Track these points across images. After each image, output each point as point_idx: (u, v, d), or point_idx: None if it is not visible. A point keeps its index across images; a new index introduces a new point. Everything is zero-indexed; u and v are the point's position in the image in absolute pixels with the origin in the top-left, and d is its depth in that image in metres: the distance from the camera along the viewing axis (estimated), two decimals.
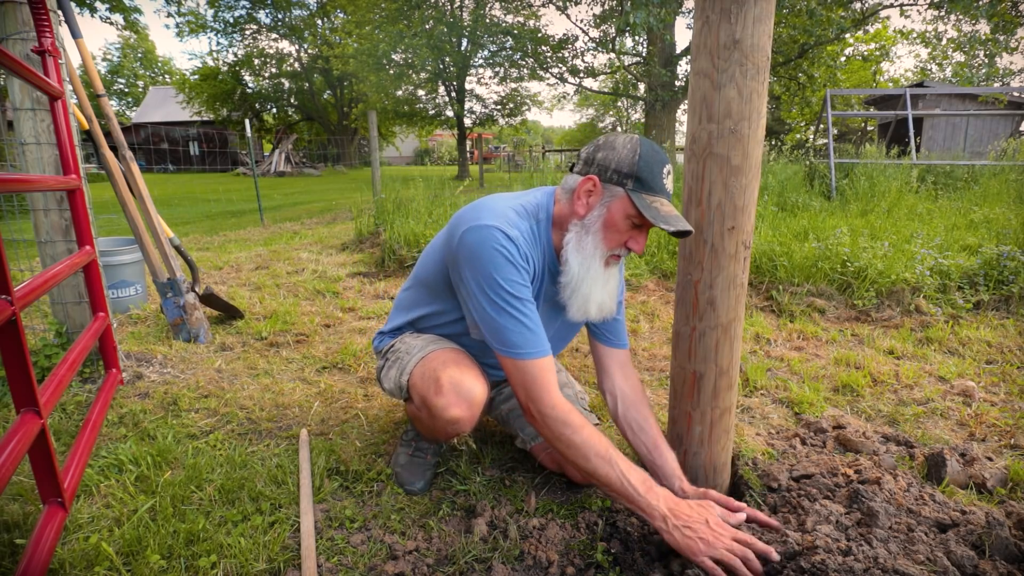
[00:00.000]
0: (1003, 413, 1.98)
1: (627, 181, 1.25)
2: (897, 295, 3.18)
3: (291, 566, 1.25)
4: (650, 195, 1.25)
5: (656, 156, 1.26)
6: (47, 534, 1.14)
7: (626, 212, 1.25)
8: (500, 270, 1.24)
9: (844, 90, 8.50)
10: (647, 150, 1.26)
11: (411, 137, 38.20)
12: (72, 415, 1.94)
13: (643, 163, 1.24)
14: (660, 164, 1.26)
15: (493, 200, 1.35)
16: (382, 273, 4.27)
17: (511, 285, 1.24)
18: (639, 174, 1.24)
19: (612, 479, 1.20)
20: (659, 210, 1.22)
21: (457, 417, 1.33)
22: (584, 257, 1.30)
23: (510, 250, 1.24)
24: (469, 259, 1.26)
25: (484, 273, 1.24)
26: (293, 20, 27.13)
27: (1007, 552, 1.19)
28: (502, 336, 1.25)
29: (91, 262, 1.98)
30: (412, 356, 1.46)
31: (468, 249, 1.26)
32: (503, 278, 1.24)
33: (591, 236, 1.29)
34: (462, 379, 1.34)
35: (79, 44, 2.49)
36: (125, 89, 46.73)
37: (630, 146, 1.26)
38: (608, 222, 1.27)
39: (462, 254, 1.27)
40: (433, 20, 15.54)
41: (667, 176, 1.27)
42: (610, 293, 1.36)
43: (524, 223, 1.32)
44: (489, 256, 1.24)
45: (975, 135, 14.19)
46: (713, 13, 1.18)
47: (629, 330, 2.93)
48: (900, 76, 28.01)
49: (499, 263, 1.24)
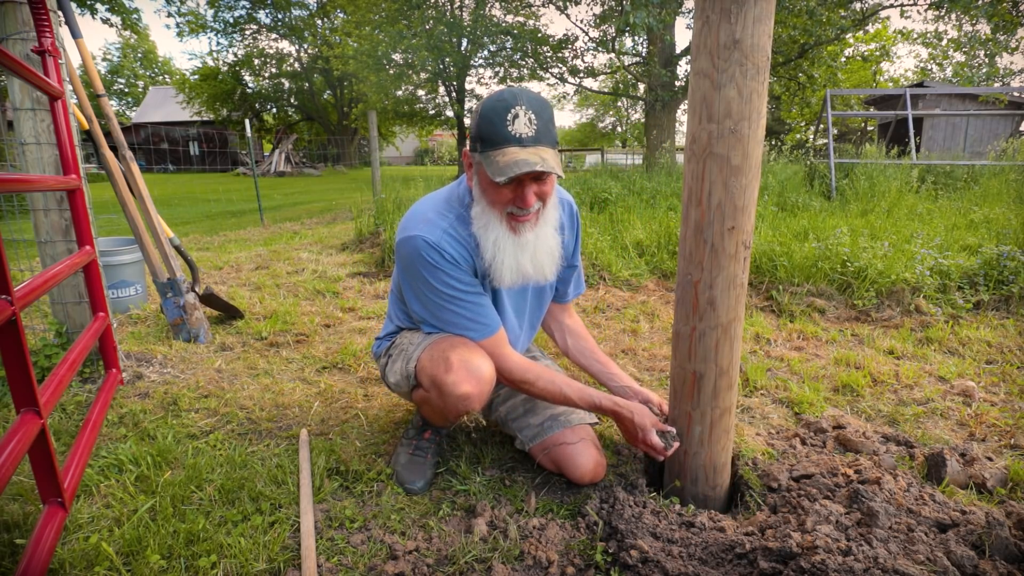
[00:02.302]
0: (1003, 413, 1.98)
1: (476, 144, 1.29)
2: (897, 295, 3.18)
3: (291, 566, 1.25)
4: (495, 150, 1.24)
5: (499, 105, 1.23)
6: (47, 534, 1.14)
7: (486, 174, 1.28)
8: (432, 274, 1.35)
9: (844, 90, 8.50)
10: (489, 104, 1.25)
11: (411, 137, 38.20)
12: (72, 415, 1.94)
13: (482, 120, 1.25)
14: (503, 112, 1.23)
15: (420, 205, 1.44)
16: (382, 273, 4.27)
17: (443, 285, 1.36)
18: (481, 134, 1.26)
19: (554, 392, 1.45)
20: (499, 162, 1.23)
21: (468, 393, 1.35)
22: (483, 225, 1.35)
23: (432, 256, 1.33)
24: (403, 271, 1.42)
25: (419, 279, 1.37)
26: (293, 20, 27.12)
27: (1007, 552, 1.19)
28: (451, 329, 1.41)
29: (91, 262, 1.98)
30: (417, 345, 1.48)
31: (400, 262, 1.41)
32: (435, 281, 1.36)
33: (480, 205, 1.35)
34: (471, 357, 1.37)
35: (79, 44, 2.49)
36: (125, 89, 46.74)
37: (478, 108, 1.29)
38: (484, 187, 1.32)
39: (398, 267, 1.44)
40: (433, 20, 15.54)
41: (513, 121, 1.22)
42: (531, 258, 1.38)
43: (446, 220, 1.38)
44: (417, 265, 1.35)
45: (975, 135, 14.19)
46: (713, 13, 1.18)
47: (629, 330, 2.93)
48: (900, 76, 28.01)
49: (427, 270, 1.35)
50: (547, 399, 1.48)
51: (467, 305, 1.39)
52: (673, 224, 4.36)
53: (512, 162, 1.21)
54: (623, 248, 4.21)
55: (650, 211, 5.33)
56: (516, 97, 1.24)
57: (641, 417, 1.44)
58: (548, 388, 1.45)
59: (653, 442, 1.42)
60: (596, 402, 1.46)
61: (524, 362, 1.47)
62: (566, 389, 1.45)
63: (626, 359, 2.54)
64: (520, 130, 1.23)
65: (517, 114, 1.23)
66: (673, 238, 4.18)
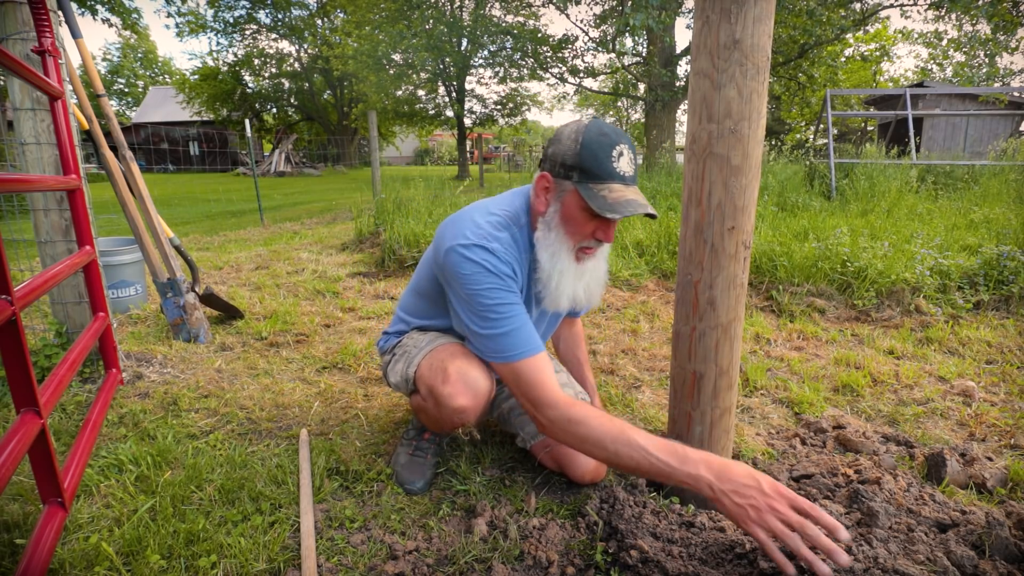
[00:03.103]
0: (1003, 413, 1.98)
1: (572, 173, 1.24)
2: (897, 295, 3.18)
3: (291, 566, 1.25)
4: (598, 183, 1.23)
5: (602, 140, 1.22)
6: (47, 534, 1.14)
7: (579, 205, 1.25)
8: (483, 286, 1.26)
9: (844, 90, 8.50)
10: (591, 137, 1.22)
11: (411, 137, 38.20)
12: (72, 415, 1.94)
13: (585, 152, 1.22)
14: (607, 148, 1.22)
15: (472, 212, 1.37)
16: (382, 273, 4.27)
17: (494, 297, 1.27)
18: (582, 164, 1.22)
19: (639, 460, 1.12)
20: (606, 198, 1.21)
21: (463, 406, 1.34)
22: (551, 253, 1.31)
23: (491, 263, 1.27)
24: (454, 277, 1.29)
25: (468, 290, 1.27)
26: (293, 20, 27.11)
27: (1007, 552, 1.19)
28: (492, 345, 1.27)
29: (91, 262, 1.98)
30: (420, 350, 1.48)
31: (452, 268, 1.29)
32: (487, 293, 1.26)
33: (553, 232, 1.31)
34: (469, 370, 1.36)
35: (79, 44, 2.49)
36: (125, 89, 46.73)
37: (574, 136, 1.24)
38: (565, 216, 1.28)
39: (447, 273, 1.31)
40: (433, 20, 15.54)
41: (618, 158, 1.23)
42: (585, 286, 1.37)
43: (504, 233, 1.33)
44: (471, 273, 1.27)
45: (975, 135, 14.19)
46: (713, 13, 1.18)
47: (629, 330, 2.93)
48: (900, 76, 28.01)
49: (481, 279, 1.26)
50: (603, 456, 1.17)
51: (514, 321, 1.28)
52: (673, 224, 4.36)
53: (624, 201, 1.21)
54: (623, 248, 4.21)
55: None
56: (618, 135, 1.24)
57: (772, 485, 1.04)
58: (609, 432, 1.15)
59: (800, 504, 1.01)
60: (687, 454, 1.11)
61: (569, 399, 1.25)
62: (634, 434, 1.15)
63: (626, 359, 2.54)
64: (624, 168, 1.24)
65: (622, 152, 1.23)
66: (673, 238, 4.18)
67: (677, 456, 1.11)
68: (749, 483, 1.04)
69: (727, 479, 1.05)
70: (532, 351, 1.26)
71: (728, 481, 1.05)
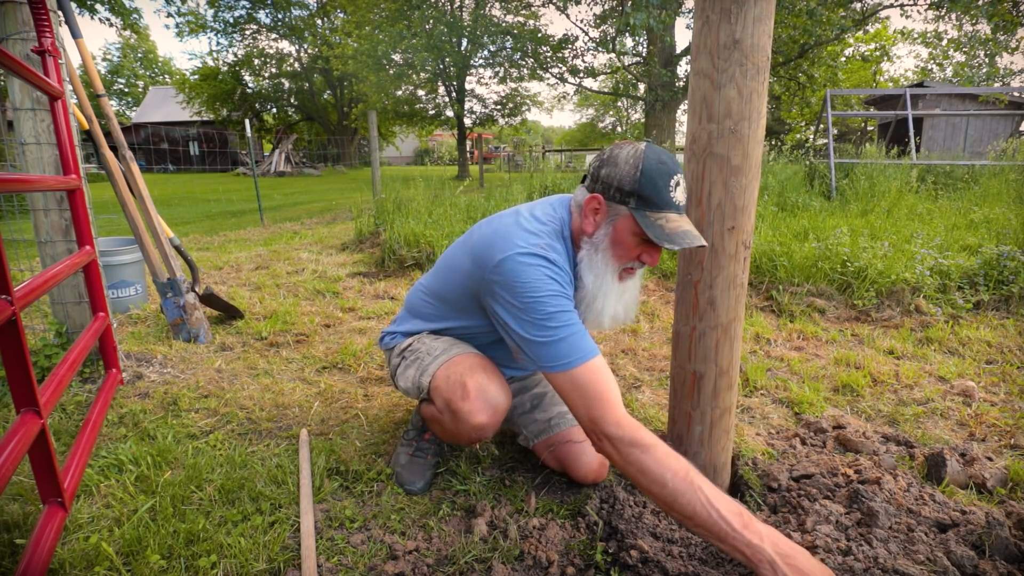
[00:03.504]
0: (1003, 413, 1.98)
1: (630, 199, 1.22)
2: (897, 295, 3.18)
3: (291, 566, 1.25)
4: (655, 212, 1.21)
5: (661, 168, 1.21)
6: (47, 534, 1.14)
7: (632, 230, 1.24)
8: (543, 293, 1.21)
9: (844, 90, 8.50)
10: (650, 164, 1.21)
11: (411, 137, 38.20)
12: (72, 415, 1.94)
13: (645, 179, 1.20)
14: (666, 177, 1.20)
15: (519, 220, 1.32)
16: (382, 273, 4.27)
17: (556, 304, 1.22)
18: (641, 192, 1.20)
19: (698, 510, 1.01)
20: (663, 228, 1.19)
21: (483, 423, 1.33)
22: (596, 275, 1.29)
23: (556, 274, 1.24)
24: (512, 288, 1.23)
25: (527, 299, 1.21)
26: (293, 20, 27.12)
27: (1007, 552, 1.19)
28: (552, 352, 1.20)
29: (91, 262, 1.98)
30: (435, 358, 1.44)
31: (510, 278, 1.23)
32: (549, 300, 1.21)
33: (600, 254, 1.28)
34: (488, 385, 1.34)
35: (79, 44, 2.49)
36: (125, 89, 46.74)
37: (632, 161, 1.22)
38: (615, 240, 1.26)
39: (501, 282, 1.24)
40: (433, 20, 15.54)
41: (675, 188, 1.22)
42: (625, 305, 1.35)
43: (560, 244, 1.30)
44: (535, 284, 1.22)
45: (975, 135, 14.18)
46: (713, 13, 1.18)
47: (629, 330, 2.93)
48: (900, 76, 28.01)
49: (542, 286, 1.22)
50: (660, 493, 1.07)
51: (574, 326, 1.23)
52: None
53: (681, 232, 1.19)
54: None
55: None
56: (675, 164, 1.24)
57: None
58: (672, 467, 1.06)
59: None
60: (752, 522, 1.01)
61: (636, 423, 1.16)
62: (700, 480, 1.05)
63: (626, 359, 2.54)
64: (679, 198, 1.23)
65: (679, 182, 1.22)
66: None
67: (741, 519, 1.00)
68: (817, 571, 0.96)
69: (793, 565, 0.95)
70: (590, 354, 1.20)
71: (793, 566, 0.95)
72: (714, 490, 1.04)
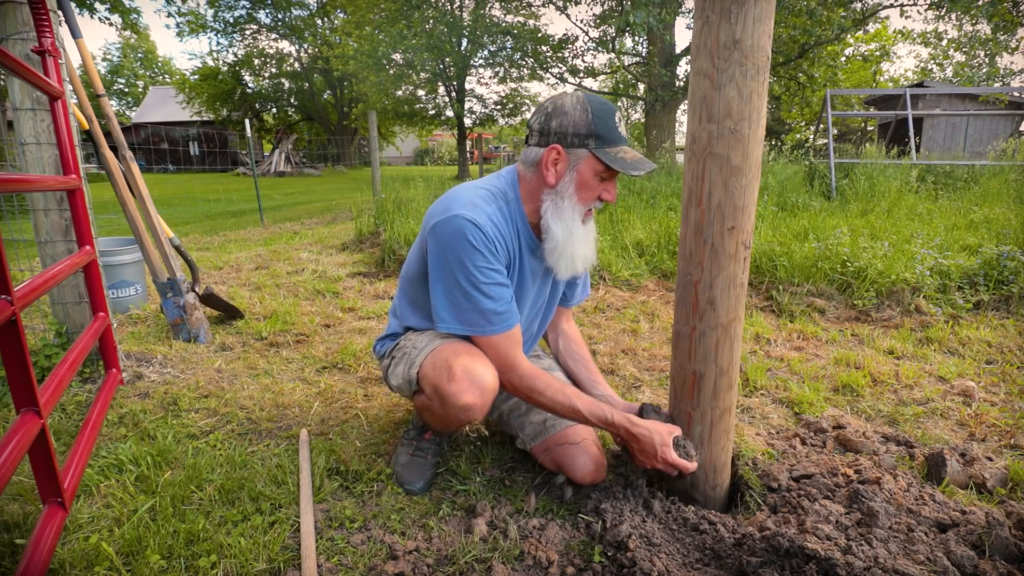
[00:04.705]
0: (1003, 413, 1.99)
1: (588, 141, 1.33)
2: (897, 295, 3.18)
3: (291, 566, 1.25)
4: (612, 147, 1.33)
5: (606, 108, 1.33)
6: (47, 534, 1.14)
7: (595, 170, 1.35)
8: (469, 257, 1.32)
9: (844, 90, 8.51)
10: (596, 106, 1.32)
11: (411, 137, 38.19)
12: (72, 415, 1.94)
13: (597, 120, 1.31)
14: (612, 114, 1.33)
15: (459, 190, 1.42)
16: (382, 273, 4.27)
17: (479, 270, 1.32)
18: (597, 131, 1.32)
19: (564, 404, 1.38)
20: (625, 159, 1.32)
21: (470, 403, 1.34)
22: (564, 221, 1.39)
23: (477, 236, 1.32)
24: (440, 250, 1.34)
25: (454, 261, 1.33)
26: (293, 20, 27.11)
27: (1007, 552, 1.19)
28: (470, 318, 1.35)
29: (91, 262, 1.98)
30: (420, 350, 1.47)
31: (438, 241, 1.34)
32: (472, 264, 1.32)
33: (567, 200, 1.38)
34: (474, 366, 1.35)
35: (79, 44, 2.49)
36: (125, 89, 46.73)
37: (580, 107, 1.32)
38: (580, 183, 1.36)
39: (433, 246, 1.36)
40: (433, 20, 15.54)
41: (620, 123, 1.35)
42: (591, 246, 1.46)
43: (491, 206, 1.39)
44: (458, 245, 1.32)
45: (975, 135, 14.18)
46: (713, 13, 1.18)
47: (629, 330, 2.93)
48: (900, 76, 28.00)
49: (467, 250, 1.31)
50: (554, 411, 1.41)
51: (495, 295, 1.35)
52: (673, 224, 4.36)
53: (638, 160, 1.32)
54: (623, 248, 4.21)
55: (650, 211, 5.33)
56: (610, 102, 1.36)
57: (660, 433, 1.35)
58: (557, 399, 1.38)
59: (673, 460, 1.33)
60: (608, 417, 1.38)
61: (533, 369, 1.41)
62: (576, 402, 1.38)
63: (626, 359, 2.54)
64: (623, 132, 1.36)
65: (619, 118, 1.35)
66: (673, 238, 4.18)
67: (596, 409, 1.38)
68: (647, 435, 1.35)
69: (633, 420, 1.37)
70: (507, 326, 1.37)
71: (638, 425, 1.36)
72: (578, 394, 1.41)
